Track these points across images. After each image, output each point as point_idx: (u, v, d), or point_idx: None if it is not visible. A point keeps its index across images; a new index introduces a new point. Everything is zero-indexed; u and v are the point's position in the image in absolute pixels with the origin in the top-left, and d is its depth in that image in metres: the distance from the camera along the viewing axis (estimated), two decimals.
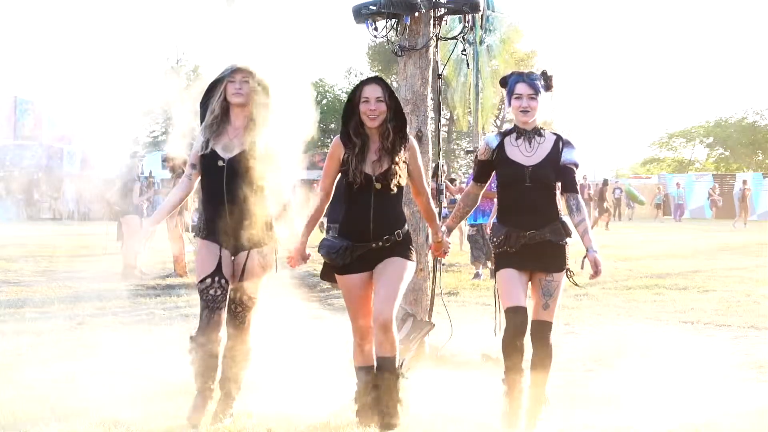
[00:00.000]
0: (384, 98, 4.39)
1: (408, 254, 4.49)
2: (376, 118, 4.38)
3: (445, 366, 6.17)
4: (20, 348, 6.73)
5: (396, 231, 4.44)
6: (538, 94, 4.53)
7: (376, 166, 4.40)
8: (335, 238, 4.48)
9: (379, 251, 4.43)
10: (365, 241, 4.41)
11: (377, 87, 4.41)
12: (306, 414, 4.72)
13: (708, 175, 41.97)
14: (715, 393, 5.36)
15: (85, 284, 11.16)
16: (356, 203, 4.43)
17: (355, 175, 4.37)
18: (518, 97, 4.53)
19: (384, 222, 4.42)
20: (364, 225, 4.41)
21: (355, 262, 4.44)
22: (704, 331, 7.84)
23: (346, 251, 4.41)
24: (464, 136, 49.14)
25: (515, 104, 4.55)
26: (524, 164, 4.50)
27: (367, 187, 4.39)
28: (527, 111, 4.52)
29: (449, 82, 35.23)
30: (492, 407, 4.78)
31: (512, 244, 4.49)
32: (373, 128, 4.41)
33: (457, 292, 10.46)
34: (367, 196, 4.40)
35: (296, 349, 6.28)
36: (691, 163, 57.92)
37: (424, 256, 6.39)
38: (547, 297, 4.51)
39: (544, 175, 4.48)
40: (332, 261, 4.45)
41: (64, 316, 8.33)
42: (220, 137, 4.57)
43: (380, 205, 4.41)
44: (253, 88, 4.54)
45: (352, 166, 4.38)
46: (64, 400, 4.99)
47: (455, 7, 6.37)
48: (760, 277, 12.14)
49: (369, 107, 4.37)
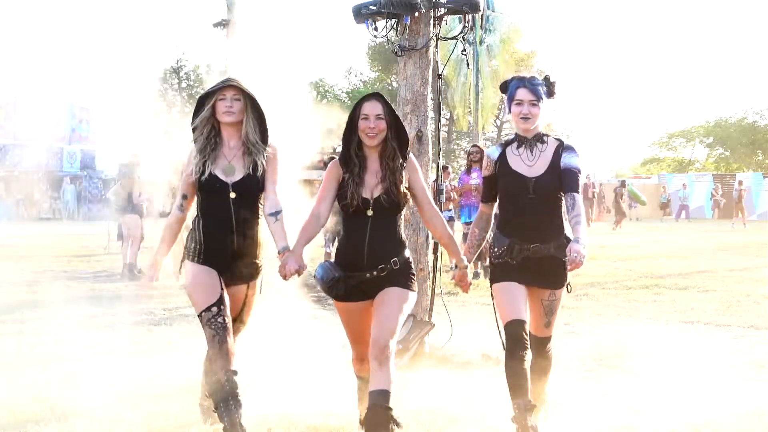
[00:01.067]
0: (384, 115, 4.16)
1: (409, 284, 4.18)
2: (376, 136, 4.14)
3: (445, 366, 6.17)
4: (20, 348, 6.73)
5: (393, 259, 4.13)
6: (539, 100, 4.28)
7: (375, 189, 4.14)
8: (330, 266, 4.17)
9: (376, 281, 4.13)
10: (359, 271, 4.12)
11: (377, 104, 4.18)
12: (306, 414, 4.72)
13: (708, 175, 41.96)
14: (715, 393, 5.36)
15: (85, 284, 11.17)
16: (352, 229, 4.17)
17: (352, 198, 4.11)
18: (519, 103, 4.29)
19: (380, 250, 4.12)
20: (358, 253, 4.12)
21: (353, 291, 4.17)
22: (704, 331, 7.84)
23: (338, 283, 4.13)
24: (464, 136, 49.13)
25: (516, 110, 4.32)
26: (527, 175, 4.27)
27: (363, 211, 4.13)
28: (528, 118, 4.28)
29: (449, 82, 35.25)
30: (492, 407, 4.79)
31: (514, 256, 4.25)
32: (372, 147, 4.18)
33: (457, 292, 10.44)
34: (362, 221, 4.13)
35: (296, 349, 6.28)
36: (691, 163, 57.90)
37: (424, 256, 6.39)
38: (549, 316, 4.36)
39: (548, 186, 4.24)
40: (326, 292, 4.21)
41: (64, 317, 8.33)
42: (217, 160, 4.28)
43: (377, 232, 4.12)
44: (246, 105, 4.29)
45: (351, 189, 4.12)
46: (64, 400, 4.99)
47: (455, 7, 6.37)
48: (760, 277, 12.15)
49: (368, 125, 4.14)
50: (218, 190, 4.24)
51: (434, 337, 6.53)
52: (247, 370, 4.81)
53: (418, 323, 6.36)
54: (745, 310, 9.04)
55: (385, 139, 4.17)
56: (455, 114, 39.92)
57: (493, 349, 6.51)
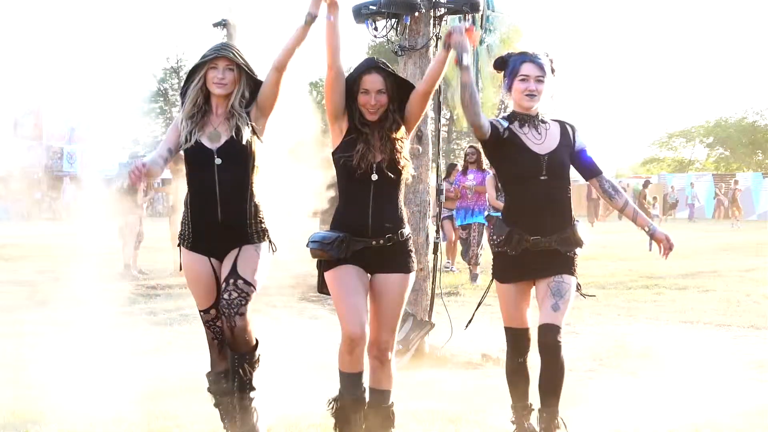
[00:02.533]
0: (385, 89, 3.91)
1: (409, 263, 3.97)
2: (377, 111, 3.91)
3: (445, 366, 6.17)
4: (20, 348, 6.73)
5: (399, 230, 3.92)
6: (545, 76, 3.98)
7: (378, 153, 3.90)
8: (327, 232, 3.94)
9: (379, 252, 3.90)
10: (364, 237, 3.89)
11: (377, 77, 3.91)
12: (306, 414, 4.72)
13: (708, 175, 41.97)
14: (715, 393, 5.35)
15: (85, 285, 11.16)
16: (354, 194, 3.91)
17: (361, 161, 3.86)
18: (524, 78, 3.96)
19: (384, 216, 3.89)
20: (363, 219, 3.87)
21: (351, 258, 3.88)
22: (704, 331, 7.84)
23: (342, 243, 3.85)
24: (464, 136, 49.12)
25: (520, 87, 3.97)
26: (538, 152, 3.96)
27: (366, 176, 3.88)
28: (533, 95, 3.96)
29: (449, 82, 35.21)
30: (492, 407, 4.79)
31: (513, 247, 3.97)
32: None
33: (457, 292, 10.45)
34: (365, 186, 3.89)
35: (295, 349, 6.28)
36: (691, 163, 57.91)
37: (424, 256, 6.39)
38: (557, 297, 3.96)
39: (562, 164, 3.96)
40: (326, 254, 3.88)
41: (64, 316, 8.33)
42: (204, 128, 4.14)
43: (380, 197, 3.90)
44: (239, 76, 4.12)
45: (360, 151, 3.86)
46: (64, 400, 4.98)
47: (455, 7, 6.38)
48: (760, 277, 12.14)
49: (369, 101, 3.89)
50: (203, 158, 4.09)
51: (434, 337, 6.52)
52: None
53: (418, 323, 6.36)
54: (745, 310, 9.04)
55: (387, 110, 3.93)
56: (455, 114, 39.87)
57: (493, 349, 6.52)
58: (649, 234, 4.11)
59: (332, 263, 3.91)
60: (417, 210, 6.30)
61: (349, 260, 3.88)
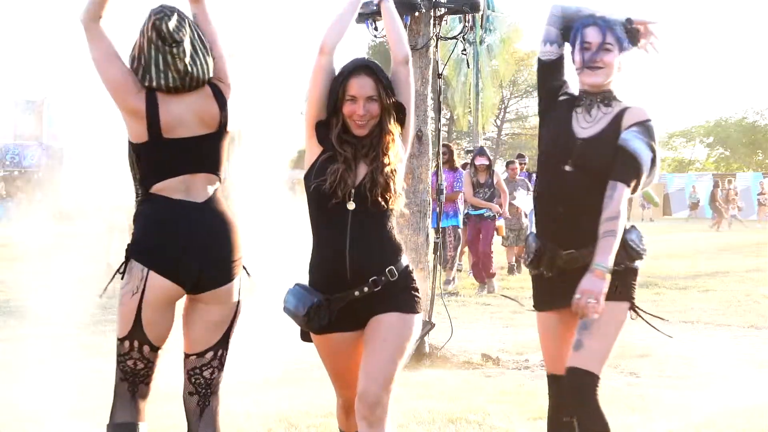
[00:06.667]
0: (377, 95, 3.03)
1: (411, 303, 3.05)
2: (366, 124, 3.03)
3: (445, 366, 6.17)
4: (20, 348, 6.73)
5: (388, 267, 3.01)
6: (615, 46, 3.14)
7: (360, 178, 3.03)
8: (303, 289, 3.05)
9: (367, 300, 3.01)
10: (343, 289, 3.01)
11: (368, 80, 3.03)
12: (306, 414, 4.72)
13: (708, 175, 41.95)
14: (715, 392, 5.35)
15: (85, 284, 11.15)
16: (325, 231, 3.05)
17: (337, 188, 2.98)
18: (587, 47, 3.12)
19: (366, 255, 2.99)
20: (338, 263, 2.99)
21: (338, 318, 3.03)
22: (704, 331, 7.84)
23: (320, 310, 2.99)
24: (464, 136, 49.12)
25: (578, 58, 3.15)
26: (576, 135, 3.12)
27: (341, 206, 2.99)
28: (597, 67, 3.10)
29: (449, 82, 35.24)
30: (492, 407, 4.79)
31: (547, 266, 3.17)
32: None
33: (457, 292, 10.45)
34: (340, 219, 3.00)
35: (295, 349, 6.28)
36: (691, 163, 57.94)
37: (424, 256, 6.39)
38: (582, 331, 3.07)
39: (597, 155, 3.06)
40: (305, 327, 3.09)
41: (64, 317, 8.32)
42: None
43: (360, 232, 3.00)
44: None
45: (336, 174, 2.98)
46: (64, 400, 4.98)
47: (455, 7, 6.37)
48: (760, 277, 12.14)
49: (356, 110, 3.01)
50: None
51: (434, 337, 6.52)
52: (247, 370, 4.83)
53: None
54: (745, 310, 9.04)
55: (379, 123, 3.06)
56: (455, 114, 39.94)
57: (493, 349, 6.53)
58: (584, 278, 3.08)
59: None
60: (417, 210, 6.29)
61: (334, 325, 3.04)
